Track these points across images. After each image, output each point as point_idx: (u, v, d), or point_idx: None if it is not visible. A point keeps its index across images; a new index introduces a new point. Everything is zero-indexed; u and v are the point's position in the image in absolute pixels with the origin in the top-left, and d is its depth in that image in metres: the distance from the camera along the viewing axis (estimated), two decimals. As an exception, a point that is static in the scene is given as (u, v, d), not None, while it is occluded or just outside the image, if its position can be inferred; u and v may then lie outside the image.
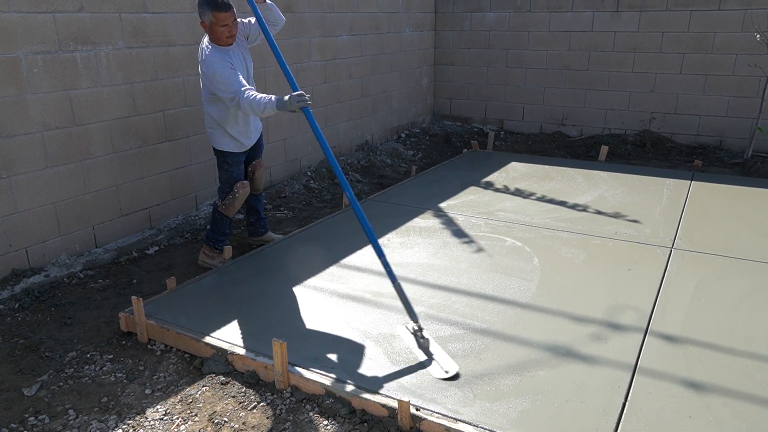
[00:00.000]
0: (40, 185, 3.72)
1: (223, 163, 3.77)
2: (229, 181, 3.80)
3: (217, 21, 3.37)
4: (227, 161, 3.76)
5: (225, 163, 3.77)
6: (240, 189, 3.78)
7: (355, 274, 3.65)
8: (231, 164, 3.77)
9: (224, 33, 3.42)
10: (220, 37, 3.43)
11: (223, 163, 3.77)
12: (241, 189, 3.78)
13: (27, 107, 3.58)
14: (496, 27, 7.59)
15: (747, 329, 2.96)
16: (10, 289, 3.54)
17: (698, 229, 4.27)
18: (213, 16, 3.36)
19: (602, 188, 5.30)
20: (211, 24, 3.39)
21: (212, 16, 3.36)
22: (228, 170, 3.78)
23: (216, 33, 3.42)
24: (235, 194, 3.77)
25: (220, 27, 3.39)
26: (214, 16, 3.36)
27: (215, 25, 3.39)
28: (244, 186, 3.80)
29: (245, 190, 3.80)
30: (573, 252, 3.92)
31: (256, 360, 2.73)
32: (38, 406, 2.59)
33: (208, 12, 3.36)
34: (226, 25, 3.40)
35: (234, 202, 3.78)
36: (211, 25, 3.40)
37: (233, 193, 3.78)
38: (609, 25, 6.93)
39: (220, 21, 3.37)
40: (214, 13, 3.35)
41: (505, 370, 2.65)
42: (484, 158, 6.47)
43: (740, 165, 6.17)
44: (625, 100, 7.06)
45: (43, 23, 3.59)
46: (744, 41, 6.30)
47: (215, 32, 3.42)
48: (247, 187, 3.82)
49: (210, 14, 3.36)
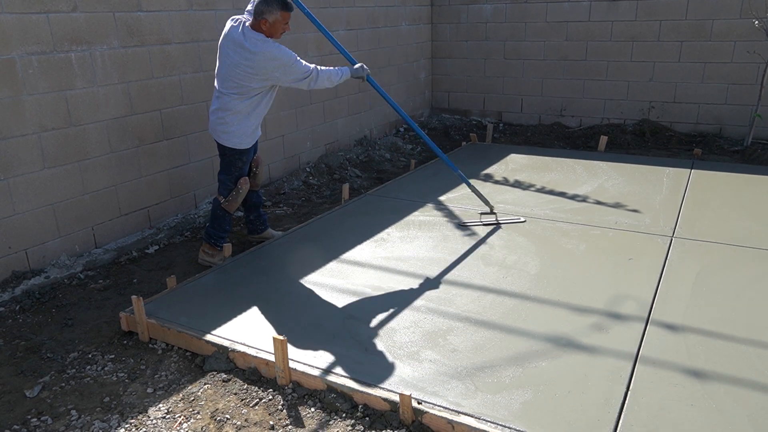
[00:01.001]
0: (39, 186, 3.71)
1: (237, 161, 3.79)
2: (235, 177, 3.83)
3: (282, 19, 3.53)
4: (242, 159, 3.79)
5: (239, 161, 3.79)
6: (243, 185, 3.82)
7: (355, 269, 3.65)
8: (245, 161, 3.83)
9: (282, 30, 3.59)
10: (276, 33, 3.57)
11: (237, 161, 3.79)
12: (244, 185, 3.83)
13: (23, 108, 3.57)
14: (493, 19, 7.56)
15: (748, 317, 2.96)
16: (10, 291, 3.55)
17: (699, 218, 4.26)
18: (281, 15, 3.51)
19: (602, 178, 5.29)
20: (275, 21, 3.52)
21: (279, 15, 3.50)
22: (241, 167, 3.82)
23: (276, 29, 3.55)
24: (239, 190, 3.81)
25: (283, 24, 3.56)
26: (282, 15, 3.51)
27: (279, 23, 3.54)
28: (247, 182, 3.86)
29: (248, 185, 3.87)
30: (573, 243, 3.91)
31: (257, 357, 2.73)
32: (40, 407, 2.59)
33: (277, 11, 3.49)
34: (287, 23, 3.59)
35: (237, 197, 3.81)
36: (274, 23, 3.52)
37: (237, 189, 3.81)
38: (606, 15, 6.90)
39: (285, 19, 3.55)
40: (283, 12, 3.51)
41: (507, 361, 2.65)
42: (483, 151, 6.46)
43: (740, 152, 6.16)
44: (624, 90, 7.03)
45: (37, 24, 3.58)
46: (742, 28, 6.26)
47: (276, 29, 3.55)
48: (248, 183, 3.88)
49: (278, 13, 3.50)
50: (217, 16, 4.71)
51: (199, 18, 4.58)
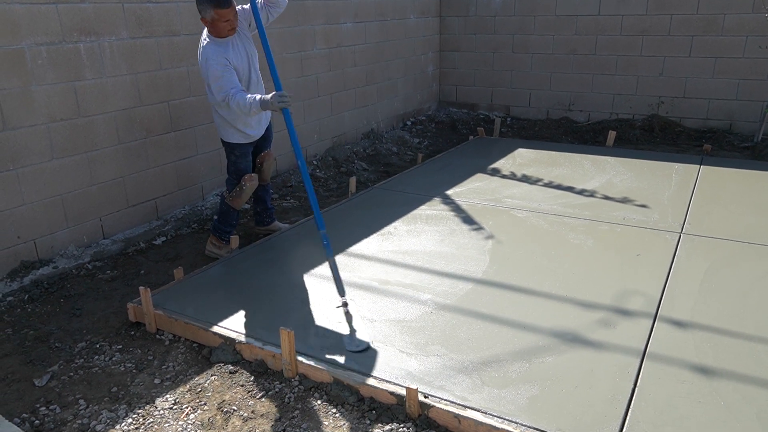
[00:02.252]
0: (47, 177, 3.72)
1: (230, 155, 3.77)
2: (237, 173, 3.80)
3: (219, 17, 3.32)
4: (234, 153, 3.75)
5: (232, 155, 3.76)
6: (247, 182, 3.77)
7: (362, 262, 3.65)
8: (238, 156, 3.76)
9: (226, 27, 3.38)
10: (221, 32, 3.39)
11: (230, 154, 3.77)
12: (249, 182, 3.77)
13: (32, 99, 3.58)
14: (501, 12, 7.51)
15: (757, 314, 2.94)
16: (19, 280, 3.57)
17: (707, 214, 4.23)
18: (215, 12, 3.31)
19: (610, 173, 5.26)
20: (213, 20, 3.34)
21: (214, 13, 3.31)
22: (235, 162, 3.78)
23: (217, 28, 3.37)
24: (243, 187, 3.77)
25: (222, 23, 3.35)
26: (216, 12, 3.31)
27: (217, 21, 3.34)
28: (252, 179, 3.79)
29: (253, 183, 3.80)
30: (581, 238, 3.89)
31: (264, 349, 2.74)
32: (49, 396, 2.61)
33: (209, 9, 3.30)
34: (228, 20, 3.36)
35: (241, 194, 3.78)
36: (212, 21, 3.35)
37: (240, 185, 3.77)
38: (616, 9, 6.84)
39: (222, 17, 3.33)
40: (216, 9, 3.30)
41: (513, 356, 2.65)
42: (491, 145, 6.43)
43: (750, 149, 6.11)
44: (633, 85, 6.98)
45: (47, 14, 3.58)
46: (754, 23, 6.20)
47: (217, 27, 3.37)
48: (254, 179, 3.81)
49: (211, 11, 3.31)
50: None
51: (207, 9, 4.57)
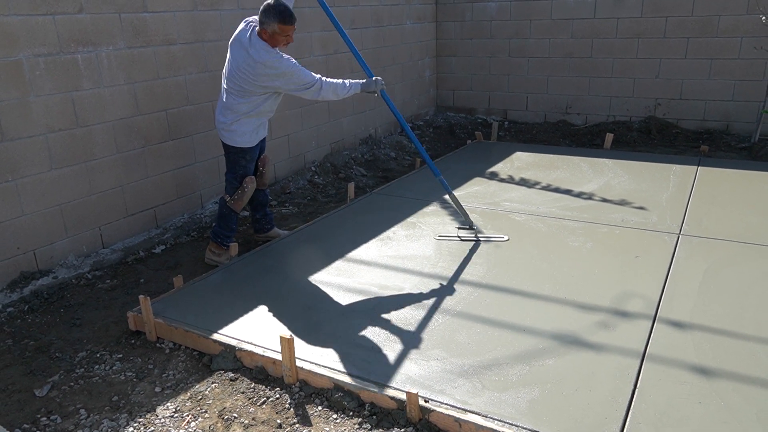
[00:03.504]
0: (46, 187, 3.73)
1: (241, 159, 3.81)
2: (242, 176, 3.85)
3: (281, 32, 3.46)
4: (246, 157, 3.80)
5: (243, 159, 3.80)
6: (249, 184, 3.83)
7: (361, 267, 3.65)
8: (249, 160, 3.83)
9: (283, 41, 3.52)
10: (277, 44, 3.52)
11: (242, 159, 3.80)
12: (250, 184, 3.84)
13: (30, 110, 3.59)
14: (497, 16, 7.54)
15: (756, 314, 2.95)
16: (19, 291, 3.57)
17: (706, 215, 4.24)
18: (278, 27, 3.44)
19: (608, 176, 5.27)
20: (274, 33, 3.46)
21: (277, 27, 3.44)
22: (245, 166, 3.83)
23: (276, 40, 3.50)
24: (245, 189, 3.82)
25: (282, 36, 3.49)
26: (279, 27, 3.44)
27: (278, 35, 3.47)
28: (253, 181, 3.87)
29: (253, 185, 3.88)
30: (580, 240, 3.90)
31: (264, 355, 2.74)
32: (50, 406, 2.61)
33: (274, 23, 3.43)
34: (288, 35, 3.50)
35: (243, 196, 3.83)
36: (273, 34, 3.47)
37: (242, 187, 3.82)
38: (612, 12, 6.87)
39: (284, 32, 3.47)
40: (280, 25, 3.44)
41: (513, 359, 2.65)
42: (489, 149, 6.45)
43: (747, 149, 6.12)
44: (630, 87, 7.00)
45: (44, 25, 3.59)
46: (749, 24, 6.23)
47: (276, 40, 3.49)
48: (254, 182, 3.89)
49: (276, 25, 3.43)
50: (222, 17, 4.73)
51: (204, 18, 4.59)
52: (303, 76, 3.54)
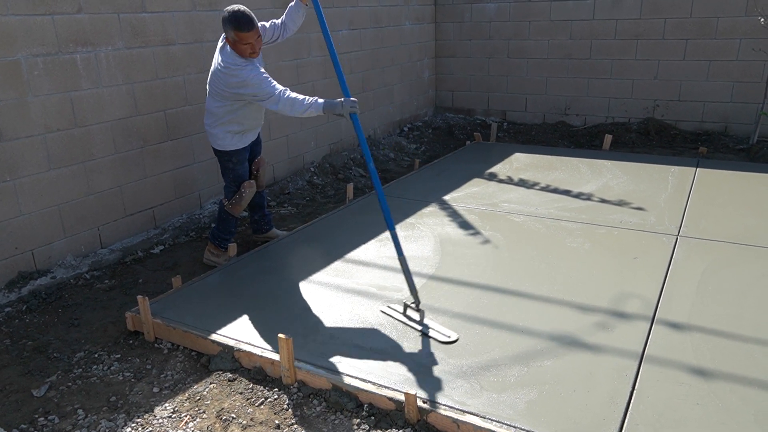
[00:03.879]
0: (44, 187, 3.73)
1: (228, 162, 3.78)
2: (236, 180, 3.81)
3: (239, 40, 3.37)
4: (232, 160, 3.76)
5: (230, 162, 3.77)
6: (247, 188, 3.79)
7: (359, 268, 3.65)
8: (236, 162, 3.77)
9: (247, 50, 3.42)
10: (242, 53, 3.43)
11: (228, 162, 3.78)
12: (248, 188, 3.79)
13: (28, 110, 3.59)
14: (496, 17, 7.55)
15: (754, 316, 2.95)
16: (17, 291, 3.56)
17: (704, 216, 4.25)
18: (235, 35, 3.35)
19: (606, 177, 5.28)
20: (234, 41, 3.39)
21: (235, 35, 3.36)
22: (234, 169, 3.78)
23: (239, 49, 3.42)
24: (242, 194, 3.78)
25: (242, 45, 3.39)
26: (237, 35, 3.35)
27: (238, 43, 3.39)
28: (251, 185, 3.81)
29: (252, 189, 3.82)
30: (578, 241, 3.90)
31: (262, 356, 2.74)
32: (47, 406, 2.61)
33: (231, 30, 3.35)
34: (249, 43, 3.40)
35: (241, 201, 3.79)
36: (234, 42, 3.40)
37: (240, 192, 3.79)
38: (610, 13, 6.88)
39: (243, 40, 3.36)
40: (237, 32, 3.34)
41: (511, 360, 2.65)
42: (488, 150, 6.45)
43: (746, 151, 6.13)
44: (629, 88, 7.01)
45: (42, 25, 3.59)
46: (748, 25, 6.24)
47: (238, 49, 3.41)
48: (253, 186, 3.83)
49: (232, 33, 3.35)
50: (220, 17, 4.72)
51: (203, 18, 4.59)
52: (263, 86, 3.39)
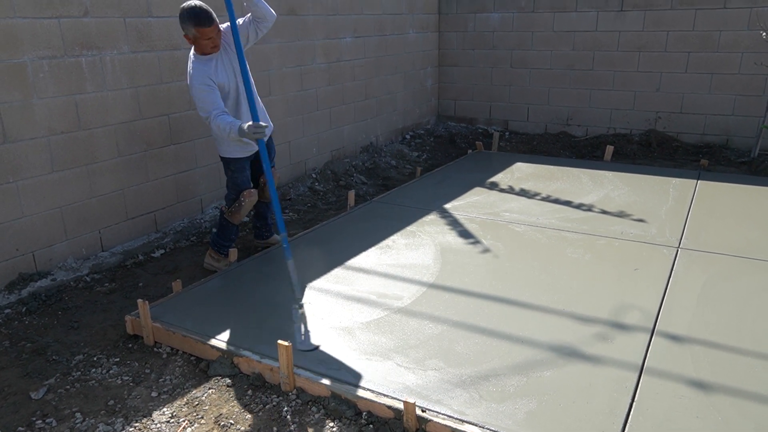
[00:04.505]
0: (47, 190, 3.74)
1: (227, 170, 3.78)
2: (236, 188, 3.79)
3: (200, 35, 3.37)
4: (230, 167, 3.76)
5: (228, 170, 3.77)
6: (246, 198, 3.76)
7: (359, 275, 3.65)
8: (234, 170, 3.76)
9: (208, 45, 3.42)
10: (204, 49, 3.44)
11: (227, 169, 3.78)
12: (248, 198, 3.77)
13: (33, 112, 3.60)
14: (500, 28, 7.58)
15: (754, 329, 2.95)
16: (17, 293, 3.56)
17: (705, 229, 4.25)
18: (196, 30, 3.35)
19: (608, 188, 5.28)
20: (195, 37, 3.39)
21: (195, 31, 3.35)
22: (232, 176, 3.77)
23: (200, 45, 3.42)
24: (241, 203, 3.76)
25: (204, 40, 3.39)
26: (197, 30, 3.35)
27: (199, 39, 3.39)
28: (251, 194, 3.78)
29: (251, 198, 3.79)
30: (579, 252, 3.90)
31: (261, 362, 2.73)
32: (45, 409, 2.60)
33: (191, 26, 3.35)
34: (210, 38, 3.40)
35: (239, 210, 3.77)
36: (194, 38, 3.40)
37: (239, 201, 3.77)
38: (613, 25, 6.91)
39: (204, 35, 3.37)
40: (197, 28, 3.34)
41: (511, 370, 2.64)
42: (489, 159, 6.46)
43: (747, 164, 6.14)
44: (630, 100, 7.03)
45: (49, 28, 3.61)
46: (750, 39, 6.26)
47: (199, 45, 3.42)
48: (254, 195, 3.80)
49: (192, 29, 3.35)
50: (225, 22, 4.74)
51: (208, 24, 4.61)
52: (204, 104, 3.40)
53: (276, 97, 5.41)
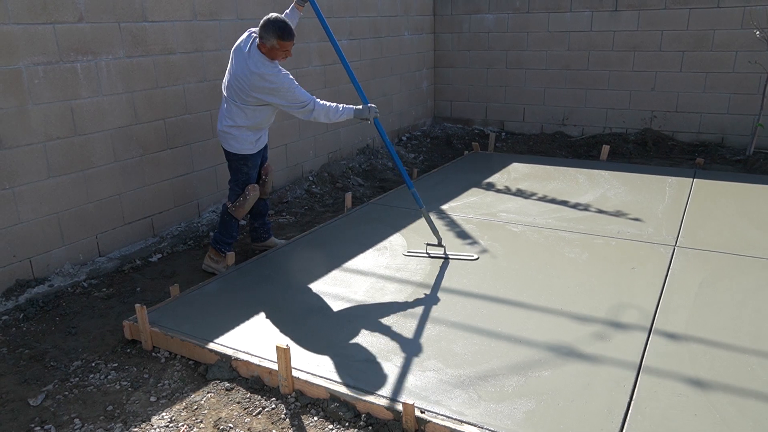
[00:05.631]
0: (44, 195, 3.73)
1: (243, 167, 3.83)
2: (245, 183, 3.86)
3: (280, 47, 3.51)
4: (248, 164, 3.83)
5: (245, 166, 3.83)
6: (251, 191, 3.85)
7: (357, 277, 3.66)
8: (251, 167, 3.85)
9: (282, 56, 3.56)
10: (276, 58, 3.57)
11: (243, 166, 3.83)
12: (252, 191, 3.86)
13: (29, 118, 3.60)
14: (495, 28, 7.60)
15: (751, 327, 2.96)
16: (14, 299, 3.56)
17: (701, 227, 4.26)
18: (277, 43, 3.48)
19: (604, 187, 5.29)
20: (272, 48, 3.50)
21: (276, 43, 3.48)
22: (247, 173, 3.85)
23: (275, 54, 3.55)
24: (246, 196, 3.84)
25: (281, 51, 3.54)
26: (278, 43, 3.49)
27: (277, 50, 3.52)
28: (255, 189, 3.88)
29: (256, 192, 3.88)
30: (576, 252, 3.91)
31: (260, 365, 2.73)
32: (44, 415, 2.60)
33: (273, 39, 3.47)
34: (287, 50, 3.55)
35: (245, 204, 3.84)
36: (271, 48, 3.51)
37: (245, 195, 3.84)
38: (608, 25, 6.93)
39: (284, 47, 3.52)
40: (279, 41, 3.48)
41: (509, 371, 2.65)
42: (486, 159, 6.47)
43: (742, 162, 6.16)
44: (626, 99, 7.05)
45: (44, 34, 3.61)
46: (744, 38, 6.29)
47: (274, 54, 3.55)
48: (257, 190, 3.89)
49: (275, 41, 3.48)
50: (221, 27, 4.75)
51: (203, 28, 4.62)
52: (298, 94, 3.56)
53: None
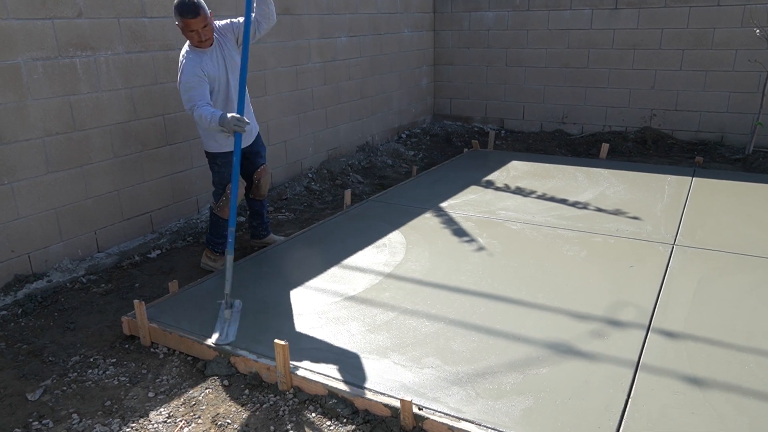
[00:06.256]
0: (42, 191, 3.73)
1: (213, 165, 3.79)
2: (222, 183, 3.80)
3: (185, 26, 3.38)
4: (216, 162, 3.76)
5: (215, 165, 3.78)
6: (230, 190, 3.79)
7: (356, 274, 3.66)
8: (220, 165, 3.76)
9: (194, 38, 3.43)
10: (191, 41, 3.47)
11: (213, 164, 3.79)
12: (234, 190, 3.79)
13: (27, 113, 3.59)
14: (494, 26, 7.59)
15: (749, 325, 2.96)
16: (13, 294, 3.56)
17: (700, 226, 4.26)
18: (181, 21, 3.37)
19: (603, 186, 5.30)
20: (181, 29, 3.41)
21: (181, 21, 3.38)
22: (218, 171, 3.78)
23: (187, 36, 3.45)
24: (229, 195, 3.77)
25: (189, 32, 3.40)
26: (183, 21, 3.36)
27: (184, 30, 3.40)
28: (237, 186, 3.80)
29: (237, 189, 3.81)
30: (574, 249, 3.91)
31: (258, 362, 2.74)
32: (42, 410, 2.60)
33: (177, 17, 3.38)
34: (194, 31, 3.39)
35: (228, 203, 3.78)
36: (181, 29, 3.42)
37: (226, 194, 3.79)
38: (608, 23, 6.92)
39: (188, 26, 3.37)
40: (182, 19, 3.35)
41: (507, 368, 2.65)
42: (485, 157, 6.47)
43: (742, 161, 6.16)
44: (626, 98, 7.05)
45: (43, 29, 3.60)
46: (744, 36, 6.28)
47: (186, 36, 3.45)
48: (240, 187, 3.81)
49: (179, 19, 3.37)
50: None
51: (202, 24, 4.60)
52: (186, 93, 3.44)
53: (271, 96, 5.40)
